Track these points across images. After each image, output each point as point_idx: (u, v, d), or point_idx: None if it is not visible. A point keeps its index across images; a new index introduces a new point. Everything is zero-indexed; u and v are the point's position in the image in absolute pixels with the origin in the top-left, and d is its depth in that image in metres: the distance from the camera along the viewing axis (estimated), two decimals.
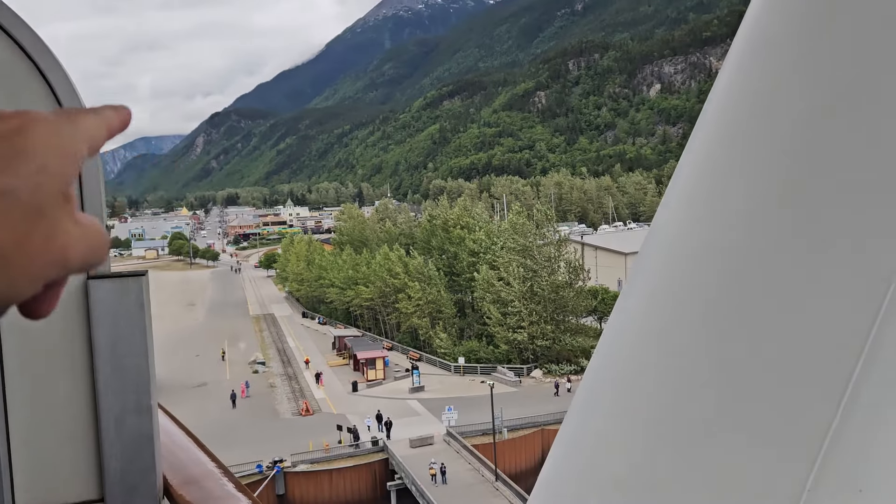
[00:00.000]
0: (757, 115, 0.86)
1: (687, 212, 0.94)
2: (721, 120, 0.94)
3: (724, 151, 0.90)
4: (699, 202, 0.92)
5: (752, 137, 0.86)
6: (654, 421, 0.90)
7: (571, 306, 66.08)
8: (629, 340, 1.00)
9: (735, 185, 0.87)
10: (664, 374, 0.90)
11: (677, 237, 0.95)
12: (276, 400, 61.91)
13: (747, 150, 0.86)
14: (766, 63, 0.87)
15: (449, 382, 62.97)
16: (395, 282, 75.29)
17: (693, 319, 0.88)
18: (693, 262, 0.90)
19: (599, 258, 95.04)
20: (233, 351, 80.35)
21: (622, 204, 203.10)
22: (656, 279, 0.97)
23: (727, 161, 0.89)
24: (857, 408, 0.73)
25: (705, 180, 0.92)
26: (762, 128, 0.84)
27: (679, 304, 0.90)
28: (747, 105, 0.89)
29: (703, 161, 0.95)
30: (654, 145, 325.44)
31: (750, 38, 0.92)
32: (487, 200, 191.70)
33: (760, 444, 0.78)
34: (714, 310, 0.85)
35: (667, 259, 0.96)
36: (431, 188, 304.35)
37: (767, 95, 0.86)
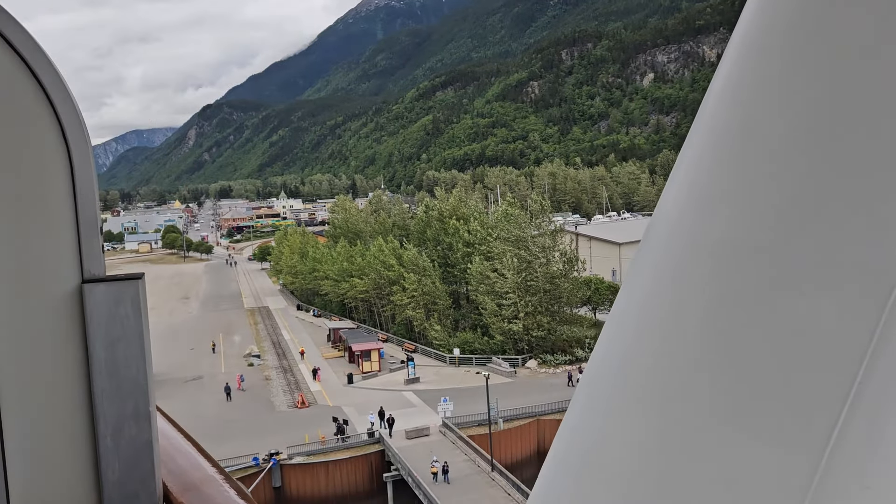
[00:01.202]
0: (760, 109, 0.85)
1: (689, 204, 0.93)
2: (724, 111, 0.93)
3: (727, 143, 0.89)
4: (701, 194, 0.92)
5: (755, 130, 0.85)
6: (657, 415, 0.90)
7: (566, 297, 66.16)
8: (631, 333, 1.00)
9: (738, 179, 0.86)
10: (667, 368, 0.90)
11: (679, 229, 0.94)
12: (272, 392, 61.90)
13: (751, 143, 0.85)
14: (772, 51, 0.86)
15: (444, 374, 63.07)
16: (389, 273, 75.24)
17: (696, 313, 0.88)
18: (696, 256, 0.90)
19: (594, 248, 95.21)
20: (227, 344, 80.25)
21: (616, 194, 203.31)
22: (658, 272, 0.97)
23: (730, 153, 0.88)
24: (863, 404, 0.73)
25: (707, 172, 0.92)
26: (766, 121, 0.83)
27: (682, 297, 0.90)
28: (749, 99, 0.88)
29: (704, 152, 0.94)
30: (648, 135, 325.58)
31: (752, 22, 0.91)
32: (481, 191, 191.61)
33: (766, 440, 0.77)
34: (718, 304, 0.85)
35: (668, 252, 0.95)
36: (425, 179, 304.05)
37: (770, 89, 0.84)
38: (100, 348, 1.11)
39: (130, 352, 1.14)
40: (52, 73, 1.07)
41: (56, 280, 1.09)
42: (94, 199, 1.12)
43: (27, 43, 1.03)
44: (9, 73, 1.04)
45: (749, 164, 0.84)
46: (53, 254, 1.09)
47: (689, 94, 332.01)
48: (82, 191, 1.10)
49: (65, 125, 1.07)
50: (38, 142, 1.06)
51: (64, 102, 1.07)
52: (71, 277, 1.10)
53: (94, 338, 1.11)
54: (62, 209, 1.08)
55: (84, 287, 1.10)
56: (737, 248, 0.83)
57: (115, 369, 1.13)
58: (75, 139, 1.08)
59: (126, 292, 1.14)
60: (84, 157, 1.10)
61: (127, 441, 1.14)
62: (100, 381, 1.12)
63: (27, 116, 1.05)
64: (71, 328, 1.10)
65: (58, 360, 1.10)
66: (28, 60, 1.04)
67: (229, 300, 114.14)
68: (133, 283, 1.15)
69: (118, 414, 1.13)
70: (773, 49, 0.86)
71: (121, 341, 1.13)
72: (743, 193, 0.84)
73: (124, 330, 1.13)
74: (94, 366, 1.12)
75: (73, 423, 1.12)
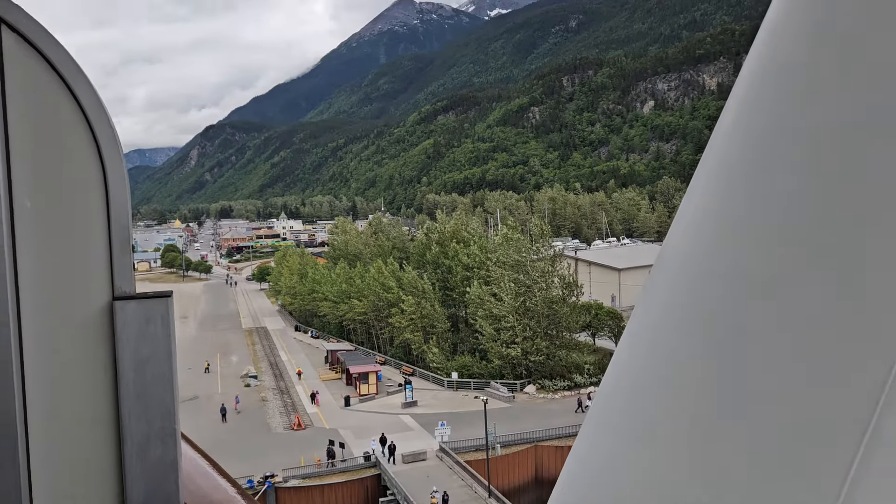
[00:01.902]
0: (773, 139, 0.84)
1: (701, 232, 0.92)
2: (735, 141, 0.91)
3: (743, 170, 0.88)
4: (713, 223, 0.90)
5: (767, 160, 0.84)
6: (669, 446, 0.88)
7: (565, 322, 65.98)
8: (642, 361, 0.98)
9: (751, 208, 0.85)
10: (678, 397, 0.89)
11: (691, 258, 0.93)
12: (268, 414, 61.47)
13: (767, 169, 0.84)
14: (783, 83, 0.85)
15: (442, 397, 62.68)
16: (388, 296, 75.10)
17: (708, 344, 0.86)
18: (708, 285, 0.88)
19: (593, 273, 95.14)
20: (225, 364, 79.88)
21: (616, 220, 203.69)
22: (670, 300, 0.95)
23: (746, 178, 0.87)
24: (883, 440, 0.71)
25: (719, 201, 0.90)
26: (779, 151, 0.83)
27: (693, 327, 0.89)
28: (763, 127, 0.86)
29: (719, 178, 0.92)
30: (648, 162, 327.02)
31: (765, 52, 0.90)
32: (481, 215, 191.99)
33: (783, 473, 0.75)
34: (730, 335, 0.83)
35: (680, 280, 0.94)
36: (425, 202, 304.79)
37: (783, 120, 0.83)
38: (129, 366, 1.12)
39: (159, 370, 1.14)
40: (91, 93, 1.08)
41: (87, 296, 1.10)
42: (127, 218, 1.13)
43: (67, 63, 1.06)
44: (49, 94, 1.05)
45: (762, 193, 0.83)
46: (86, 270, 1.10)
47: (689, 122, 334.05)
48: (116, 209, 1.11)
49: (101, 145, 1.09)
50: (76, 160, 1.08)
51: (101, 122, 1.09)
52: (102, 294, 1.11)
53: (124, 355, 1.11)
54: (96, 227, 1.10)
55: (115, 304, 1.11)
56: (750, 278, 0.82)
57: (144, 388, 1.13)
58: (111, 159, 1.10)
59: (156, 310, 1.14)
60: (119, 176, 1.11)
61: (152, 462, 1.14)
62: (128, 400, 1.12)
63: (66, 135, 1.07)
64: (100, 345, 1.11)
65: (87, 376, 1.10)
66: (68, 80, 1.06)
67: (227, 320, 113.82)
68: (163, 300, 1.16)
69: (145, 434, 1.13)
70: (784, 81, 0.85)
71: (150, 360, 1.13)
72: (756, 224, 0.83)
73: (153, 348, 1.13)
74: (123, 384, 1.11)
75: (99, 443, 1.11)
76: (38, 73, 1.04)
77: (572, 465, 1.07)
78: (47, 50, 1.04)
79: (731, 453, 0.80)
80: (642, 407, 0.94)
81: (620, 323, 66.87)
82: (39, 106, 1.05)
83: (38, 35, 1.03)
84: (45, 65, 1.04)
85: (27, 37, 1.02)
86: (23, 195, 1.02)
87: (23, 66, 1.02)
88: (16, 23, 1.01)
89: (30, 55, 1.03)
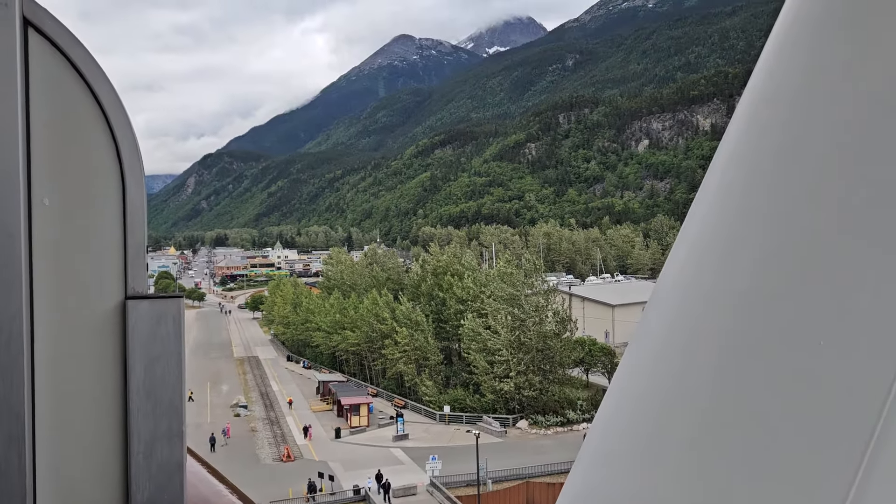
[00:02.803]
0: (776, 160, 0.86)
1: (704, 256, 0.93)
2: (738, 163, 0.93)
3: (744, 192, 0.89)
4: (715, 246, 0.91)
5: (773, 178, 0.85)
6: (667, 472, 0.88)
7: (559, 357, 65.85)
8: (641, 388, 0.98)
9: (753, 230, 0.86)
10: (678, 424, 0.88)
11: (691, 282, 0.93)
12: (257, 445, 60.81)
13: (769, 191, 0.85)
14: (783, 106, 0.87)
15: (434, 431, 62.19)
16: (381, 327, 74.90)
17: (709, 367, 0.87)
18: (709, 309, 0.88)
19: (587, 309, 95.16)
20: (215, 393, 79.16)
21: (610, 256, 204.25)
22: (670, 325, 0.95)
23: (742, 206, 0.88)
24: (882, 461, 0.71)
25: (720, 225, 0.91)
26: (782, 173, 0.84)
27: (694, 351, 0.89)
28: (765, 149, 0.88)
29: (717, 206, 0.93)
30: (642, 199, 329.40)
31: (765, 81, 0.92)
32: (476, 248, 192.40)
33: (783, 498, 0.76)
34: (732, 358, 0.84)
35: (681, 305, 0.94)
36: (421, 234, 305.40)
37: (785, 142, 0.86)
38: (139, 365, 1.12)
39: (168, 370, 1.15)
40: (111, 93, 1.10)
41: (101, 294, 1.11)
42: (142, 219, 1.15)
43: (88, 64, 1.08)
44: (71, 93, 1.07)
45: (764, 215, 0.84)
46: (100, 269, 1.11)
47: (683, 161, 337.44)
48: (132, 209, 1.13)
49: (120, 145, 1.11)
50: (95, 160, 1.09)
51: (120, 123, 1.11)
52: (115, 293, 1.12)
53: (134, 354, 1.12)
54: (112, 226, 1.11)
55: (128, 303, 1.12)
56: (751, 300, 0.82)
57: (153, 387, 1.13)
58: (130, 162, 1.12)
59: (168, 310, 1.16)
60: (137, 179, 1.13)
61: (159, 461, 1.14)
62: (136, 399, 1.12)
63: (86, 135, 1.08)
64: (112, 343, 1.11)
65: (96, 374, 1.11)
66: (89, 81, 1.08)
67: (219, 349, 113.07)
68: (175, 301, 1.18)
69: (152, 433, 1.13)
70: (784, 105, 0.87)
71: (160, 359, 1.14)
72: (758, 245, 0.84)
73: (164, 348, 1.14)
74: (132, 382, 1.12)
75: (106, 439, 1.12)
76: (60, 73, 1.06)
77: (566, 501, 1.06)
78: (70, 51, 1.06)
79: (734, 474, 0.80)
80: (643, 433, 0.93)
81: (614, 359, 66.79)
82: (61, 105, 1.06)
83: (62, 36, 1.05)
84: (67, 65, 1.06)
85: (52, 38, 1.04)
86: (41, 192, 1.04)
87: (46, 67, 1.04)
88: (41, 24, 1.03)
89: (54, 56, 1.05)
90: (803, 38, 0.87)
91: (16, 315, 1.00)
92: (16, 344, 1.00)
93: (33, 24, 1.03)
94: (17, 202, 1.00)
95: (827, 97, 0.81)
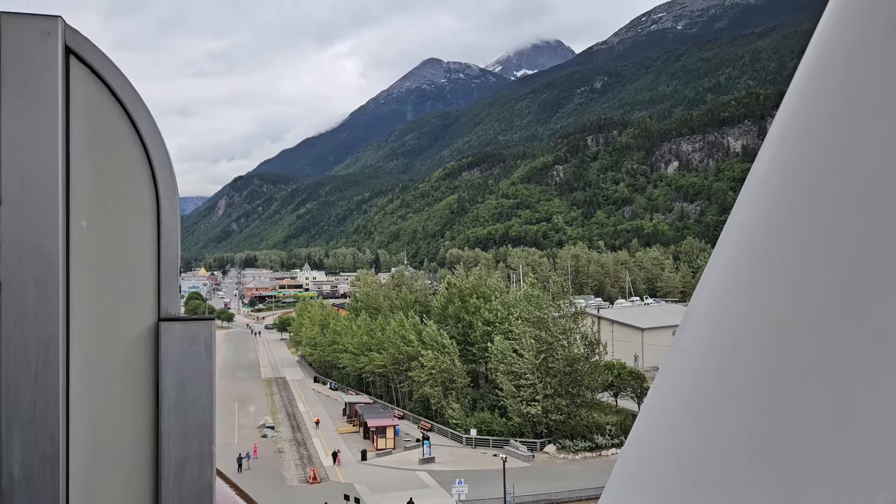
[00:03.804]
0: (814, 180, 0.84)
1: (739, 281, 0.91)
2: (773, 184, 0.91)
3: (779, 217, 0.87)
4: (752, 270, 0.89)
5: (809, 202, 0.83)
6: (709, 494, 0.85)
7: (586, 380, 65.00)
8: (676, 416, 0.96)
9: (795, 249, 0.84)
10: (717, 456, 0.86)
11: (727, 308, 0.91)
12: (284, 466, 60.76)
13: (804, 215, 0.83)
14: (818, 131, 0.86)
15: (460, 454, 61.60)
16: (408, 349, 74.73)
17: (748, 398, 0.84)
18: (747, 337, 0.87)
19: (616, 332, 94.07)
20: (242, 414, 79.47)
21: (639, 279, 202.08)
22: (705, 354, 0.93)
23: (782, 226, 0.86)
24: None
25: (757, 247, 0.89)
26: (820, 193, 0.82)
27: (732, 380, 0.87)
28: (803, 171, 0.87)
29: (753, 225, 0.91)
30: (672, 221, 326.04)
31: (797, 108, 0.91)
32: (504, 271, 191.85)
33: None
34: (773, 389, 0.82)
35: (715, 333, 0.92)
36: (448, 257, 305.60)
37: (823, 162, 0.84)
38: (170, 387, 1.13)
39: (199, 392, 1.16)
40: (149, 120, 1.12)
41: (135, 316, 1.12)
42: (176, 242, 1.17)
43: (127, 91, 1.10)
44: (110, 120, 1.09)
45: (799, 240, 0.82)
46: (135, 291, 1.12)
47: (713, 183, 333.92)
48: (166, 233, 1.15)
49: (156, 170, 1.13)
50: (131, 184, 1.12)
51: (157, 149, 1.13)
52: (149, 314, 1.13)
53: (166, 376, 1.13)
54: (147, 249, 1.13)
55: (161, 325, 1.13)
56: (788, 329, 0.81)
57: (184, 409, 1.14)
58: (164, 184, 1.14)
59: (200, 332, 1.16)
60: (171, 202, 1.15)
61: (189, 482, 1.15)
62: (168, 420, 1.13)
63: (123, 159, 1.11)
64: (144, 364, 1.12)
65: (129, 395, 1.11)
66: (128, 108, 1.10)
67: (247, 369, 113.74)
68: (207, 323, 1.18)
69: (183, 454, 1.14)
70: (819, 128, 0.86)
71: (191, 381, 1.15)
72: (794, 271, 0.82)
73: (195, 370, 1.16)
74: (164, 404, 1.13)
75: (137, 460, 1.12)
76: (100, 99, 1.09)
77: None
78: (109, 78, 1.09)
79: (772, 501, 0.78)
80: (675, 462, 0.92)
81: (643, 383, 65.72)
82: (100, 130, 1.09)
83: (102, 64, 1.08)
84: (107, 92, 1.09)
85: (92, 65, 1.07)
86: (79, 215, 1.07)
87: (87, 94, 1.07)
88: (83, 53, 1.07)
89: (94, 83, 1.08)
90: (838, 61, 0.85)
91: (53, 337, 1.02)
92: (52, 366, 1.02)
93: (75, 52, 1.06)
94: (56, 225, 1.02)
95: (863, 120, 0.80)
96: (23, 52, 1.01)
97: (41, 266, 1.02)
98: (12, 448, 1.00)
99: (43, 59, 1.02)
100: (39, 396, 1.01)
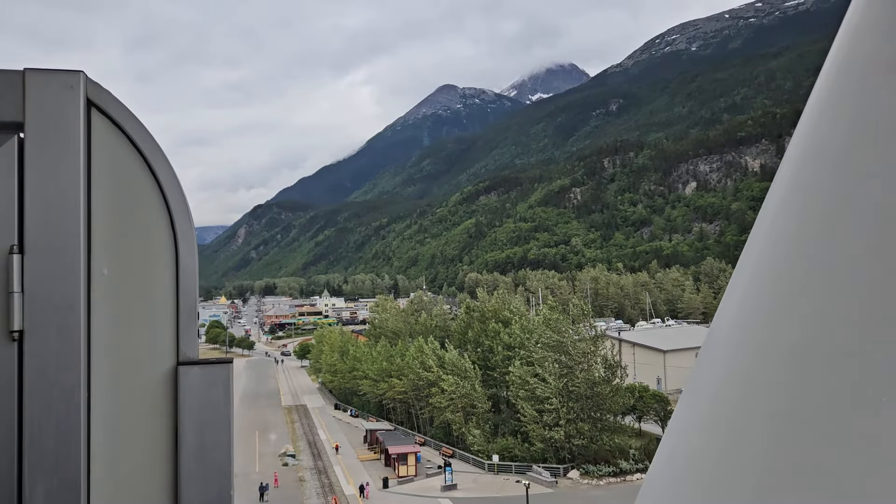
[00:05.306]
0: (833, 201, 0.84)
1: (758, 306, 0.90)
2: (792, 206, 0.91)
3: (799, 239, 0.87)
4: (772, 296, 0.89)
5: (829, 224, 0.83)
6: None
7: (608, 404, 64.28)
8: (695, 443, 0.95)
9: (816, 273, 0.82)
10: (733, 482, 0.86)
11: (746, 334, 0.90)
12: (305, 494, 60.49)
13: (826, 237, 0.83)
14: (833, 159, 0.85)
15: (483, 481, 60.98)
16: (428, 375, 74.46)
17: (764, 425, 0.84)
18: (766, 362, 0.86)
19: (637, 355, 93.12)
20: (263, 442, 79.41)
21: (660, 300, 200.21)
22: (724, 379, 0.93)
23: (803, 248, 0.86)
24: None
25: (778, 273, 0.89)
26: (840, 214, 0.82)
27: (749, 406, 0.87)
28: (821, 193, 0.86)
29: (772, 247, 0.91)
30: (691, 242, 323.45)
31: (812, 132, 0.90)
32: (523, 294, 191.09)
33: None
34: (789, 415, 0.81)
35: (735, 358, 0.92)
36: (467, 281, 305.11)
37: (841, 184, 0.83)
38: (190, 430, 1.14)
39: (219, 436, 1.17)
40: (168, 169, 1.15)
41: (154, 360, 1.13)
42: (194, 288, 1.20)
43: (147, 142, 1.13)
44: (130, 169, 1.12)
45: (821, 263, 0.81)
46: (154, 335, 1.14)
47: (732, 203, 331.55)
48: (185, 279, 1.18)
49: (174, 217, 1.15)
50: (151, 232, 1.14)
51: (175, 197, 1.16)
52: (168, 358, 1.15)
53: (185, 419, 1.14)
54: (166, 295, 1.16)
55: (179, 369, 1.15)
56: (808, 353, 0.80)
57: (203, 452, 1.14)
58: (183, 231, 1.17)
59: (219, 376, 1.19)
60: (189, 247, 1.19)
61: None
62: (187, 463, 1.13)
63: (143, 208, 1.13)
64: (164, 408, 1.13)
65: (149, 439, 1.12)
66: (147, 158, 1.13)
67: (267, 397, 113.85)
68: (225, 366, 1.20)
69: (202, 498, 1.14)
70: (836, 151, 0.85)
71: (210, 425, 1.16)
72: (814, 295, 0.80)
73: (214, 413, 1.17)
74: (183, 447, 1.13)
75: None
76: (120, 149, 1.12)
77: None
78: (129, 128, 1.12)
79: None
80: (700, 486, 0.92)
81: (667, 406, 64.86)
82: (120, 178, 1.12)
83: (121, 114, 1.11)
84: (126, 141, 1.12)
85: (112, 117, 1.11)
86: (100, 263, 1.09)
87: (108, 144, 1.11)
88: (104, 105, 1.11)
89: (114, 133, 1.12)
90: (854, 79, 0.84)
91: (75, 385, 1.04)
92: (74, 414, 1.03)
93: (96, 104, 1.10)
94: (78, 274, 1.05)
95: (880, 139, 0.80)
96: (46, 105, 1.04)
97: (64, 314, 1.04)
98: (35, 496, 1.00)
99: (65, 112, 1.05)
100: (62, 446, 1.02)
